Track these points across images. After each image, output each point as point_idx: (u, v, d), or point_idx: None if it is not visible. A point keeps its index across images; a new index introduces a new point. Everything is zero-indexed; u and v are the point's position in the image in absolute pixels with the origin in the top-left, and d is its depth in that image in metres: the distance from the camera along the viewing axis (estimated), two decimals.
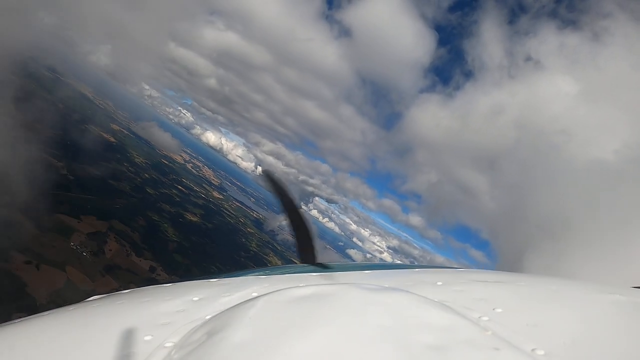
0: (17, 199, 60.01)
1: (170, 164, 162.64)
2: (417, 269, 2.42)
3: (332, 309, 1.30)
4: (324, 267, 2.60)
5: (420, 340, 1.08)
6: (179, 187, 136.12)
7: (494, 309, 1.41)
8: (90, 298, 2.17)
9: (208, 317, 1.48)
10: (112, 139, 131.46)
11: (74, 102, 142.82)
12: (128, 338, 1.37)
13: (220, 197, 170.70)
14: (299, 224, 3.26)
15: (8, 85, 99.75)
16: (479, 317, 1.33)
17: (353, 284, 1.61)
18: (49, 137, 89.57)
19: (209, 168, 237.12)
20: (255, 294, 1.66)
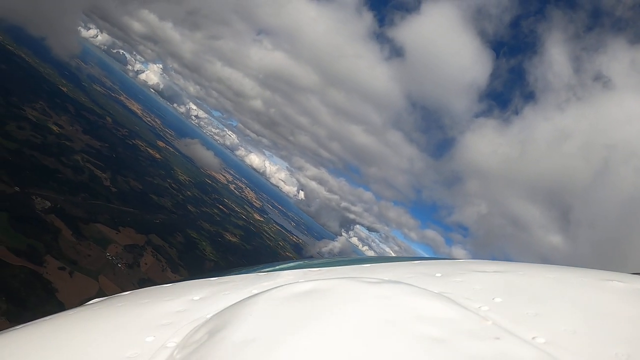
0: (58, 205, 60.71)
1: (213, 184, 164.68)
2: (416, 261, 2.44)
3: (333, 303, 1.35)
4: (323, 263, 2.76)
5: (420, 332, 1.11)
6: (221, 206, 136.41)
7: (493, 299, 1.44)
8: (91, 301, 2.22)
9: (209, 316, 1.50)
10: (158, 155, 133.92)
11: (123, 117, 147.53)
12: (130, 339, 1.40)
13: (261, 219, 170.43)
14: None
15: (59, 96, 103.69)
16: (479, 307, 1.35)
17: (353, 277, 1.70)
18: (95, 149, 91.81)
19: (252, 190, 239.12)
20: (255, 291, 1.71)
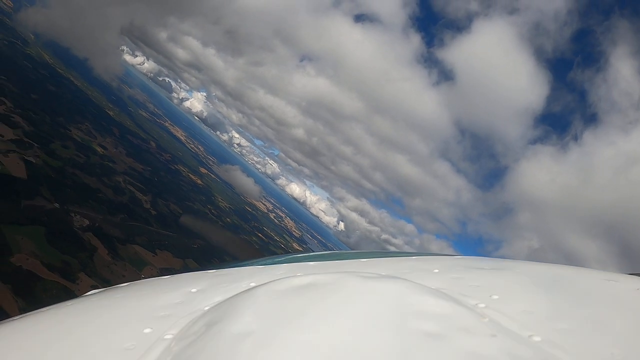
0: (96, 223, 60.69)
1: (253, 211, 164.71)
2: (413, 257, 2.46)
3: (330, 297, 1.38)
4: (321, 256, 2.75)
5: (417, 328, 1.12)
6: (260, 234, 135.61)
7: (490, 296, 1.45)
8: (89, 292, 2.25)
9: (207, 308, 1.52)
10: (199, 181, 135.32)
11: (167, 142, 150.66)
12: (128, 331, 1.42)
13: (300, 249, 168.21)
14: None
15: (105, 119, 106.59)
16: (476, 304, 1.37)
17: (350, 272, 1.74)
18: (138, 171, 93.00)
19: (291, 219, 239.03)
20: (253, 284, 1.74)
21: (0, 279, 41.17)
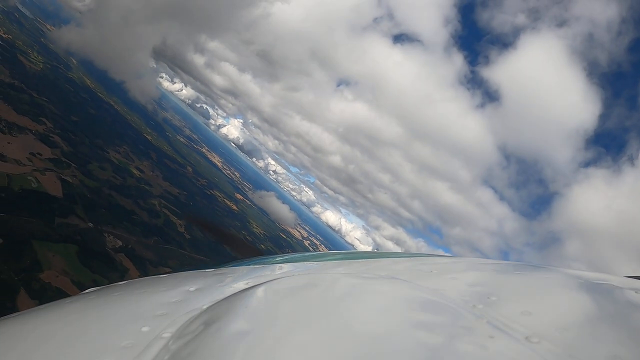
0: (129, 245, 60.47)
1: (287, 238, 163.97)
2: (411, 258, 2.50)
3: (327, 297, 1.41)
4: (319, 256, 2.77)
5: (414, 329, 1.13)
6: None
7: (488, 297, 1.45)
8: (87, 290, 2.24)
9: (205, 307, 1.53)
10: (235, 207, 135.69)
11: (203, 168, 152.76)
12: (125, 329, 1.42)
13: None
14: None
15: (143, 143, 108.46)
16: (473, 305, 1.37)
17: (348, 272, 1.79)
18: (173, 195, 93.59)
19: (326, 247, 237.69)
20: (251, 283, 1.76)
21: (29, 294, 40.89)
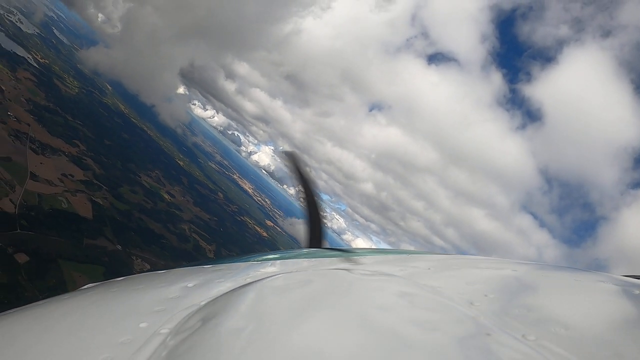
0: (156, 268, 59.73)
1: None
2: (408, 255, 2.53)
3: (325, 294, 1.43)
4: (318, 253, 2.81)
5: (411, 326, 1.15)
6: None
7: (485, 295, 1.46)
8: (85, 286, 2.23)
9: (203, 303, 1.54)
10: (265, 234, 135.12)
11: (234, 194, 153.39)
12: (123, 325, 1.42)
13: None
14: (312, 210, 3.86)
15: (175, 168, 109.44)
16: (471, 303, 1.39)
17: (346, 269, 1.82)
18: (204, 221, 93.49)
19: None
20: (249, 280, 1.79)
21: None
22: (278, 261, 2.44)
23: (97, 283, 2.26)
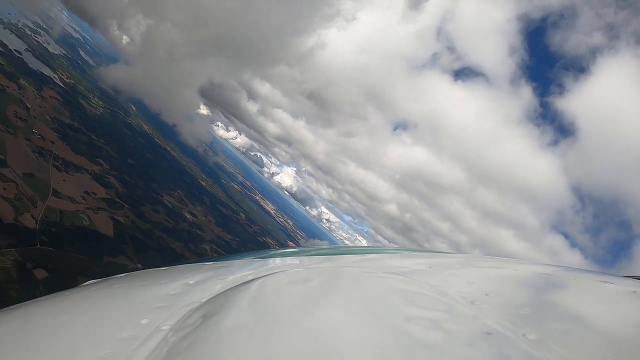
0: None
1: None
2: (409, 253, 2.60)
3: (326, 291, 1.45)
4: (319, 251, 2.84)
5: (410, 325, 1.15)
6: None
7: (485, 294, 1.46)
8: (87, 282, 2.28)
9: (204, 300, 1.57)
10: None
11: (256, 215, 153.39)
12: (125, 321, 1.45)
13: None
14: None
15: (197, 189, 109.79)
16: (471, 302, 1.39)
17: (347, 267, 1.86)
18: (225, 241, 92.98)
19: None
20: (250, 277, 1.81)
21: None
22: (279, 258, 2.51)
23: (99, 279, 2.29)
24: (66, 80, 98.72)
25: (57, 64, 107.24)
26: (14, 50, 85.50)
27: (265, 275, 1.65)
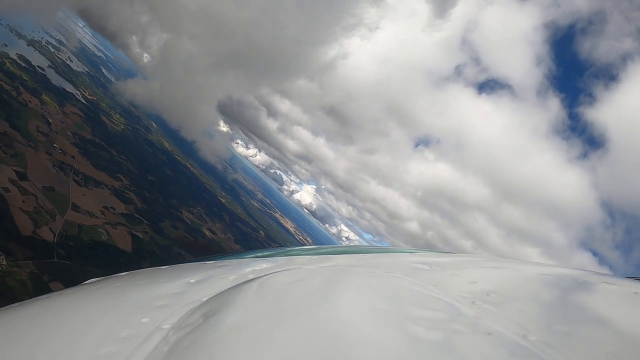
0: None
1: None
2: (411, 253, 2.56)
3: (327, 291, 1.47)
4: (320, 250, 2.91)
5: (412, 325, 1.16)
6: None
7: (487, 294, 1.47)
8: (88, 280, 2.30)
9: (205, 298, 1.58)
10: None
11: (275, 232, 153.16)
12: (125, 320, 1.46)
13: None
14: None
15: (217, 206, 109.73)
16: (472, 302, 1.39)
17: (348, 267, 1.89)
18: None
19: None
20: (251, 276, 1.83)
21: None
22: (281, 257, 2.48)
23: (100, 278, 2.31)
24: (88, 97, 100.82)
25: (80, 80, 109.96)
26: (37, 66, 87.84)
27: (266, 275, 1.67)
